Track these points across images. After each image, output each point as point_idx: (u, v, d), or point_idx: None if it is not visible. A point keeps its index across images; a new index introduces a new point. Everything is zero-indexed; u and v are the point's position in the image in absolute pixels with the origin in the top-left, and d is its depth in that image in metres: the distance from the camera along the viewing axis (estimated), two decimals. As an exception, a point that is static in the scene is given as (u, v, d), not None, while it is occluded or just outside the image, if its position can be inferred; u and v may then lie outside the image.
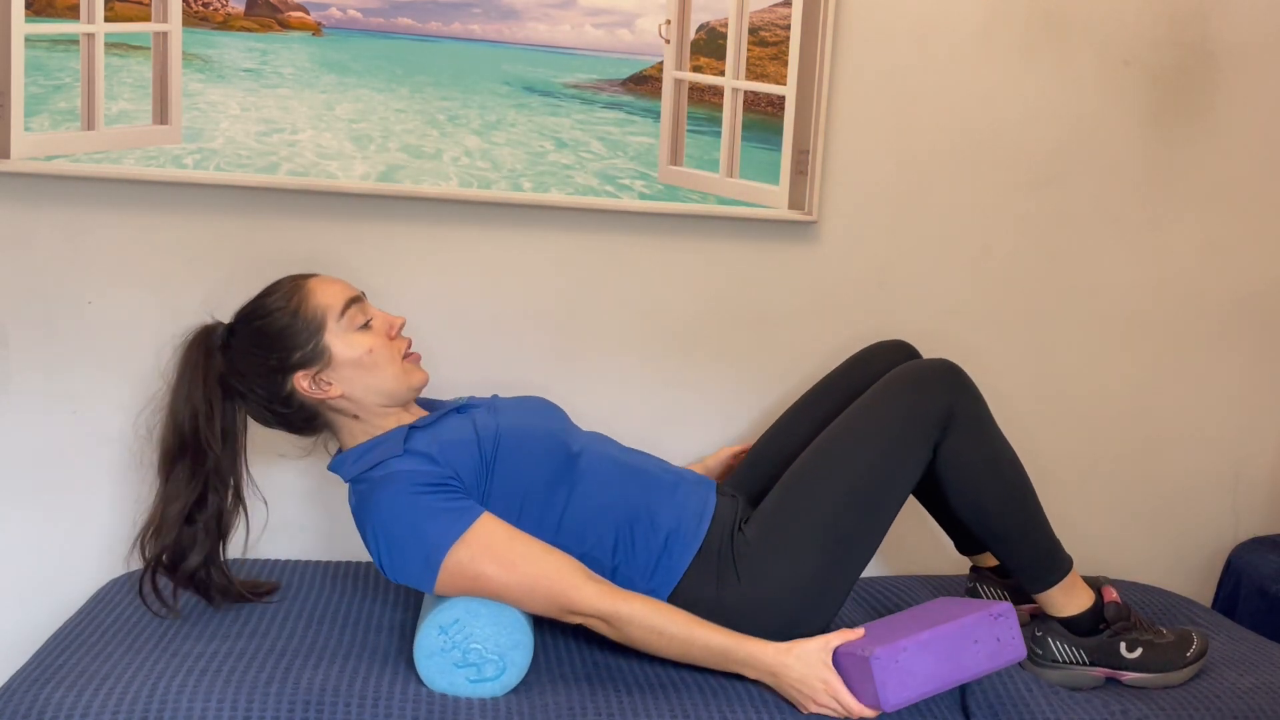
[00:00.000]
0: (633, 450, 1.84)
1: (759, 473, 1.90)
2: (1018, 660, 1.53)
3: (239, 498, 1.73)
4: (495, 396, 1.88)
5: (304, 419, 1.72)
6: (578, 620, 1.59)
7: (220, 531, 1.72)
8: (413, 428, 1.70)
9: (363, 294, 1.75)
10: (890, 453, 1.69)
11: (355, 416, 1.71)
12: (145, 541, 1.69)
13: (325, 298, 1.69)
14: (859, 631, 1.58)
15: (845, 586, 1.70)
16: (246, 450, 1.75)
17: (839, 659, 1.55)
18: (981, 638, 1.51)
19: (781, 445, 1.89)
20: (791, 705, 1.57)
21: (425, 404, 1.85)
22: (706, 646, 1.58)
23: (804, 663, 1.55)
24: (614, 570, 1.68)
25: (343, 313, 1.68)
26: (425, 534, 1.57)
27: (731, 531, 1.72)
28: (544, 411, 1.82)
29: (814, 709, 1.55)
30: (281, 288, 1.71)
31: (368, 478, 1.64)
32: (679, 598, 1.67)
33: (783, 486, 1.73)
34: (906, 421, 1.69)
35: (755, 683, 1.63)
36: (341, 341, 1.67)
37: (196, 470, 1.67)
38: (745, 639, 1.59)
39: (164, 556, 1.69)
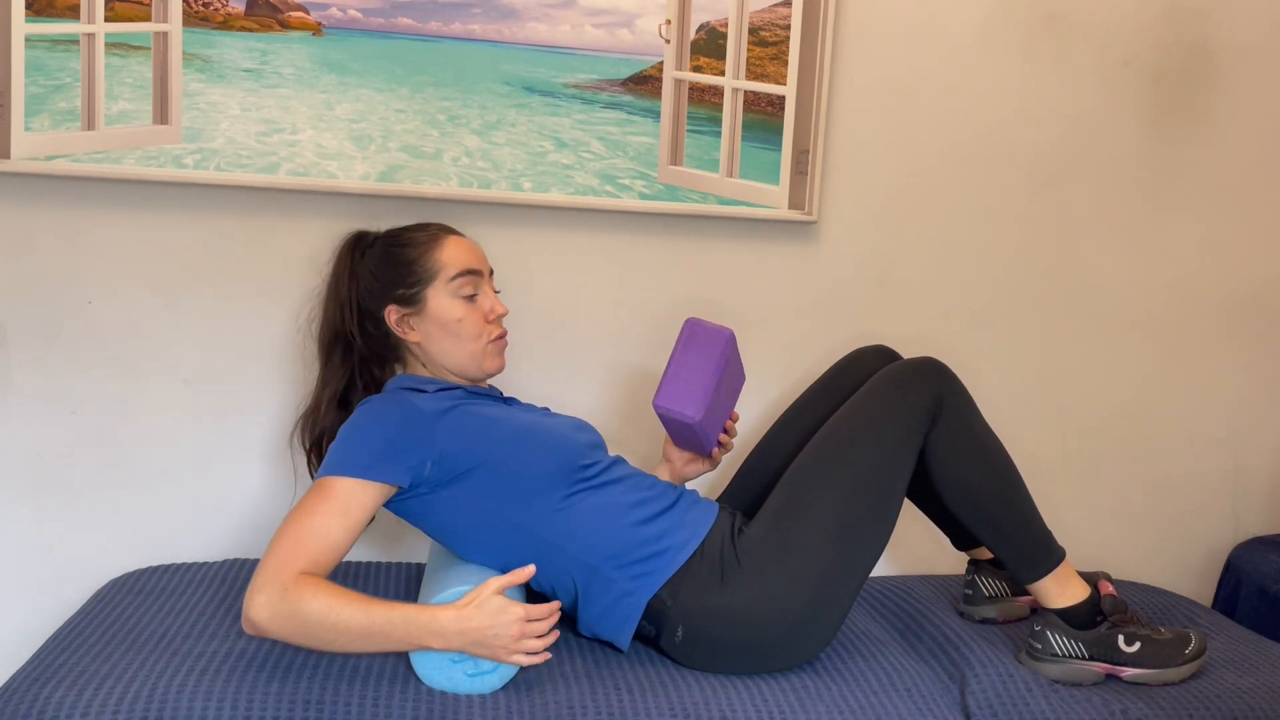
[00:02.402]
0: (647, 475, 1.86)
1: (751, 486, 1.90)
2: (729, 332, 1.80)
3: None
4: (546, 408, 1.93)
5: (382, 345, 1.83)
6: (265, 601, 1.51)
7: None
8: (464, 387, 1.79)
9: (488, 272, 1.84)
10: (886, 447, 1.71)
11: (424, 365, 1.83)
12: (305, 426, 1.85)
13: (449, 256, 1.79)
14: (529, 569, 1.56)
15: (854, 583, 1.70)
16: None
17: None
18: (698, 336, 1.80)
19: (773, 457, 1.89)
20: (787, 705, 1.57)
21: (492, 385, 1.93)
22: (387, 619, 1.50)
23: (483, 609, 1.51)
24: (593, 568, 1.68)
25: (455, 277, 1.78)
26: (354, 449, 1.62)
27: (731, 536, 1.72)
28: (579, 426, 1.85)
29: (516, 654, 1.51)
30: (428, 229, 1.84)
31: (389, 388, 1.78)
32: (679, 605, 1.66)
33: (783, 488, 1.73)
34: (898, 416, 1.72)
35: (756, 683, 1.63)
36: (440, 300, 1.78)
37: (346, 358, 1.83)
38: (425, 607, 1.53)
39: (323, 439, 1.81)
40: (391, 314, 1.79)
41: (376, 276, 1.80)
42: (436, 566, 1.76)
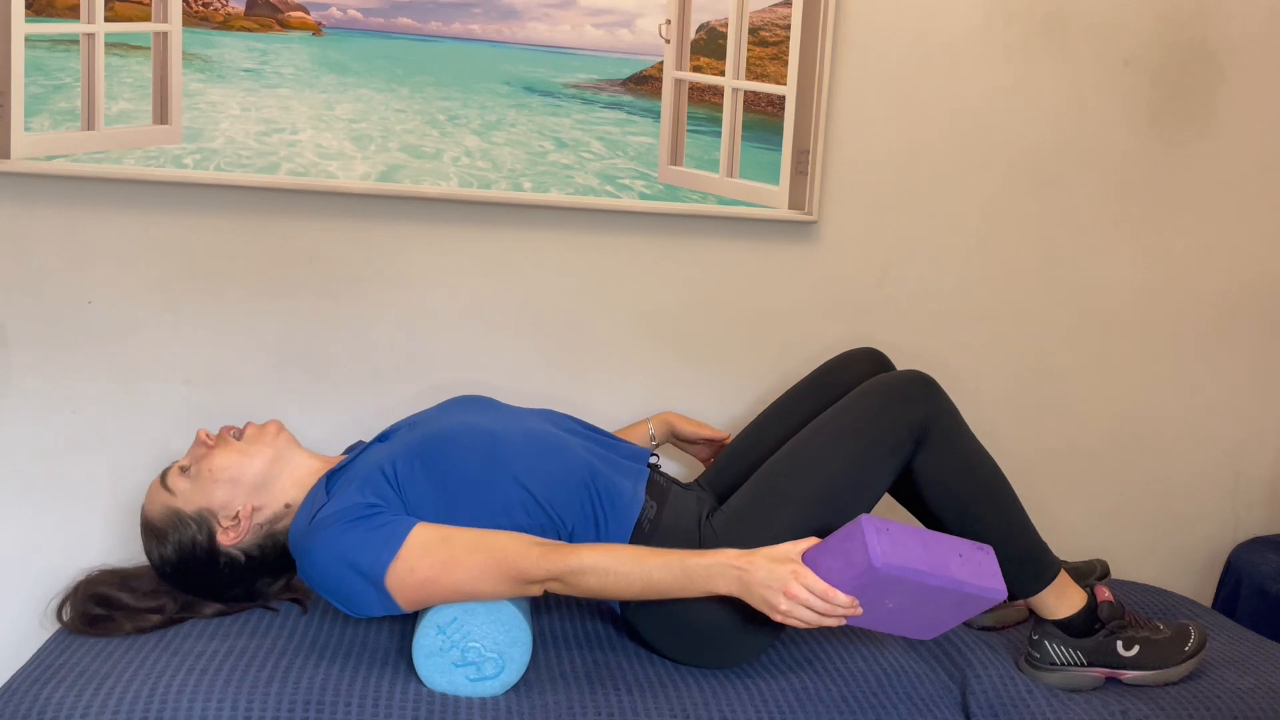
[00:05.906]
0: (569, 420, 1.84)
1: (727, 475, 1.90)
2: (999, 598, 1.52)
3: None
4: (416, 414, 1.85)
5: (272, 551, 1.72)
6: (538, 589, 1.57)
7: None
8: (330, 474, 1.71)
9: (173, 465, 1.74)
10: (861, 459, 1.69)
11: (286, 505, 1.71)
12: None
13: (157, 504, 1.70)
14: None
15: None
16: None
17: (810, 557, 1.52)
18: (966, 554, 1.54)
19: (751, 449, 1.90)
20: (798, 703, 1.57)
21: (349, 449, 1.86)
22: (665, 566, 1.54)
23: (770, 557, 1.52)
24: (570, 536, 1.68)
25: (172, 487, 1.69)
26: (362, 565, 1.55)
27: (699, 523, 1.71)
28: (464, 406, 1.81)
29: (784, 609, 1.50)
30: (166, 536, 1.70)
31: (300, 535, 1.64)
32: None
33: (753, 484, 1.73)
34: (879, 430, 1.69)
35: (756, 683, 1.63)
36: (203, 494, 1.68)
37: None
38: (701, 550, 1.57)
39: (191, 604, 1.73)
40: (227, 534, 1.69)
41: (193, 569, 1.70)
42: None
